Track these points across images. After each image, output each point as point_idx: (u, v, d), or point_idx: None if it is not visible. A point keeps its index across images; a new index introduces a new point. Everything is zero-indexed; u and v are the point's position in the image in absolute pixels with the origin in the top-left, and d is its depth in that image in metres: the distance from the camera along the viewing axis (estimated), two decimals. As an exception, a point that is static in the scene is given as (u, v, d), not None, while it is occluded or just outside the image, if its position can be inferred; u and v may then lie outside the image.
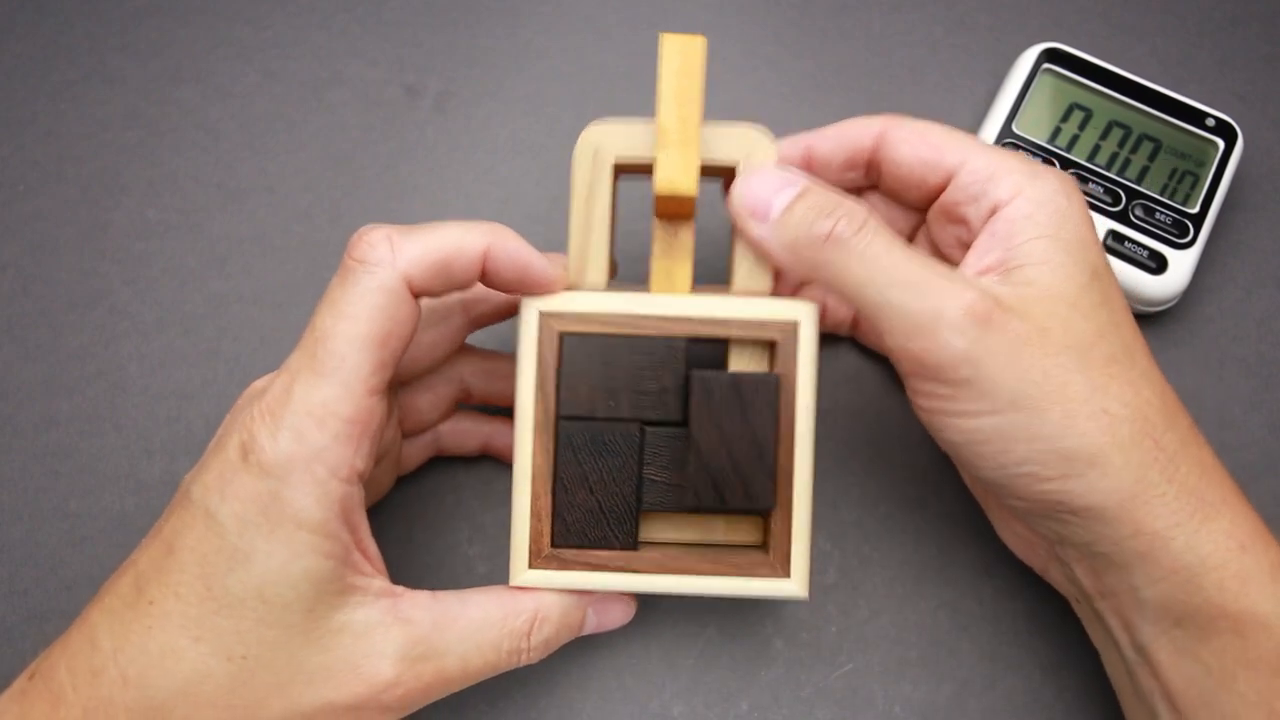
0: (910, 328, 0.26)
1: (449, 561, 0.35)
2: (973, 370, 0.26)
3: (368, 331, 0.26)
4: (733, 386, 0.28)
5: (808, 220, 0.27)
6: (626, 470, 0.29)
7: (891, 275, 0.26)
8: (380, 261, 0.26)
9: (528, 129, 0.40)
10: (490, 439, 0.35)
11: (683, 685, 0.34)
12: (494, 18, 0.42)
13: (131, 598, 0.26)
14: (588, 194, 0.30)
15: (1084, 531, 0.27)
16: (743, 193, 0.29)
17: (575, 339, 0.29)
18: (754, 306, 0.29)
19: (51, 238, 0.38)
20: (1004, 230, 0.28)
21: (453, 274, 0.27)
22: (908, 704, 0.34)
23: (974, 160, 0.30)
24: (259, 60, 0.41)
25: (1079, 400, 0.26)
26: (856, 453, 0.37)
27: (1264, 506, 0.36)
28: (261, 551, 0.25)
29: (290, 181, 0.39)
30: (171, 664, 0.25)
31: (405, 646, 0.27)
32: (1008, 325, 0.26)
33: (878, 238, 0.27)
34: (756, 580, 0.29)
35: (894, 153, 0.31)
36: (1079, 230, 0.28)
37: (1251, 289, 0.39)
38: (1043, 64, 0.39)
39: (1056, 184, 0.29)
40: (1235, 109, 0.41)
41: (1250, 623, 0.26)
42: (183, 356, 0.37)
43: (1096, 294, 0.28)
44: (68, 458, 0.36)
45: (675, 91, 0.28)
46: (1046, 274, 0.27)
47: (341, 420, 0.26)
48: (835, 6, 0.42)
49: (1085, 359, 0.27)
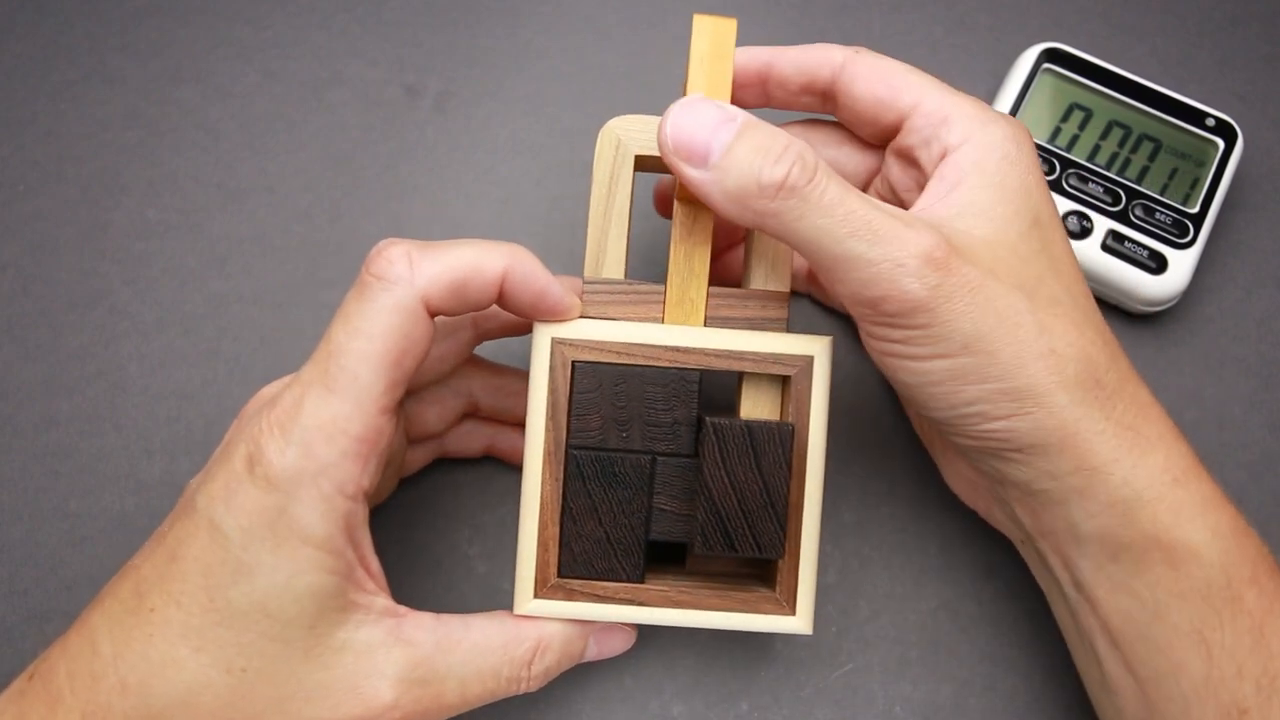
0: (867, 277, 0.26)
1: (449, 561, 0.35)
2: (929, 316, 0.26)
3: (382, 349, 0.26)
4: (746, 433, 0.28)
5: (754, 166, 0.25)
6: (636, 502, 0.29)
7: (849, 224, 0.25)
8: (398, 279, 0.26)
9: (528, 129, 0.40)
10: (494, 441, 0.35)
11: (683, 685, 0.34)
12: (494, 18, 0.42)
13: (133, 603, 0.26)
14: (608, 186, 0.30)
15: (1026, 469, 0.28)
16: (675, 132, 0.26)
17: (587, 367, 0.29)
18: (768, 341, 0.29)
19: (51, 238, 0.38)
20: (951, 175, 0.28)
21: (469, 295, 0.27)
22: (908, 704, 0.34)
23: (927, 102, 0.29)
24: (259, 60, 0.41)
25: (1028, 341, 0.26)
26: (856, 453, 0.37)
27: (1264, 506, 0.37)
28: (266, 565, 0.25)
29: (290, 181, 0.39)
30: (172, 673, 0.25)
31: (406, 669, 0.27)
32: (961, 270, 0.26)
33: (830, 184, 0.26)
34: (762, 616, 0.29)
35: (851, 87, 0.30)
36: (1023, 178, 0.28)
37: (1251, 289, 0.39)
38: (1043, 64, 0.39)
39: (1006, 130, 0.29)
40: (1235, 109, 0.41)
41: (1182, 553, 0.27)
42: (183, 356, 0.37)
43: (1036, 240, 0.28)
44: (68, 458, 0.36)
45: (707, 73, 0.28)
46: (985, 222, 0.27)
47: (350, 438, 0.25)
48: (835, 6, 0.42)
49: (1032, 300, 0.27)
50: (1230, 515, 0.28)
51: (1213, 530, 0.27)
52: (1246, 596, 0.27)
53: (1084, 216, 0.37)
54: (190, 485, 0.28)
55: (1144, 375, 0.38)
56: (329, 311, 0.38)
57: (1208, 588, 0.27)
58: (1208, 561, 0.27)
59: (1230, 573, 0.27)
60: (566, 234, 0.39)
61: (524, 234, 0.39)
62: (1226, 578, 0.27)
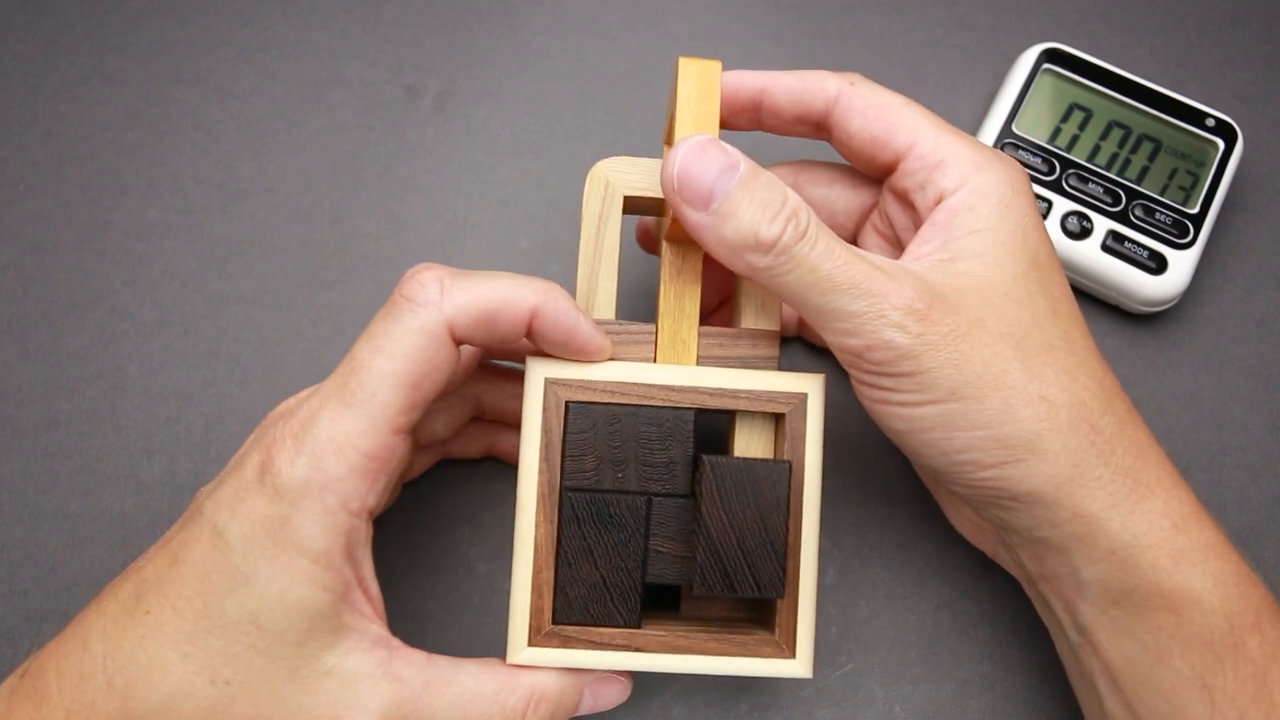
0: (851, 328, 0.26)
1: (449, 561, 0.35)
2: (914, 364, 0.26)
3: (402, 369, 0.26)
4: (744, 472, 0.28)
5: (752, 222, 0.26)
6: (632, 545, 0.28)
7: (833, 279, 0.26)
8: (427, 303, 0.26)
9: (528, 129, 0.40)
10: (495, 442, 0.35)
11: (683, 685, 0.34)
12: (494, 18, 0.42)
13: (130, 604, 0.26)
14: (598, 226, 0.30)
15: (1025, 516, 0.28)
16: (682, 174, 0.27)
17: (581, 407, 0.29)
18: (762, 379, 0.29)
19: (51, 238, 0.38)
20: (945, 220, 0.28)
21: (497, 328, 0.27)
22: (908, 704, 0.34)
23: (923, 143, 0.29)
24: (259, 60, 0.41)
25: (1017, 388, 0.26)
26: (856, 453, 0.37)
27: (1264, 506, 0.37)
28: (262, 575, 0.25)
29: (290, 181, 0.39)
30: (158, 677, 0.25)
31: (391, 705, 0.26)
32: (944, 319, 0.26)
33: (819, 241, 0.26)
34: (761, 661, 0.29)
35: (846, 122, 0.30)
36: (1020, 221, 0.28)
37: (1251, 289, 0.39)
38: (1043, 64, 0.39)
39: (1002, 174, 0.29)
40: (1235, 109, 0.41)
41: (1184, 599, 0.27)
42: (183, 357, 0.37)
43: (1033, 282, 0.28)
44: (68, 458, 0.36)
45: (694, 114, 0.28)
46: (978, 267, 0.27)
47: (361, 453, 0.25)
48: (835, 6, 0.42)
49: (1021, 347, 0.27)
50: (1234, 562, 0.27)
51: (1214, 577, 0.27)
52: (1249, 643, 0.27)
53: (1084, 217, 0.37)
54: (201, 492, 0.27)
55: (1144, 375, 0.38)
56: (329, 312, 0.38)
57: (1210, 634, 0.26)
58: (1210, 608, 0.26)
59: (1233, 620, 0.27)
60: (566, 234, 0.39)
61: (523, 234, 0.39)
62: (1229, 624, 0.26)
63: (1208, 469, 0.37)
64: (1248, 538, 0.36)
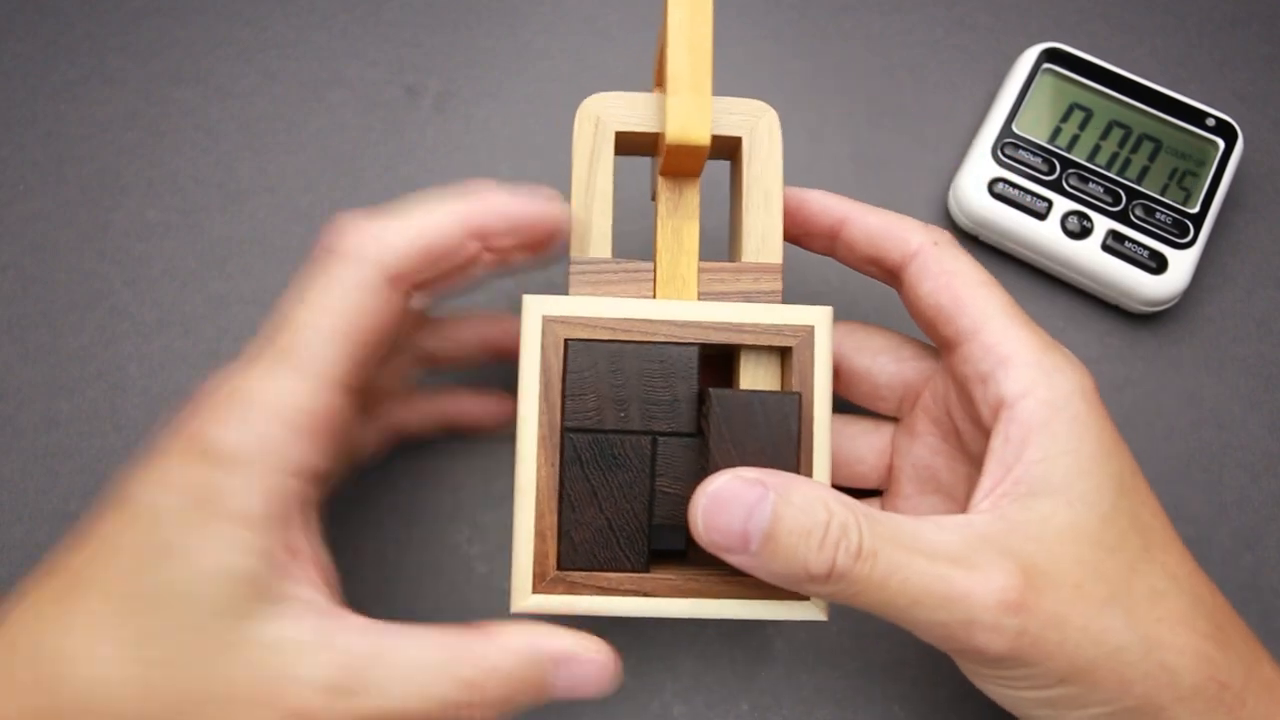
0: (943, 636, 0.25)
1: (449, 561, 0.35)
2: (1017, 658, 0.24)
3: (339, 325, 0.25)
4: (753, 406, 0.27)
5: (799, 556, 0.24)
6: (638, 486, 0.27)
7: (908, 593, 0.24)
8: (359, 254, 0.25)
9: (528, 129, 0.40)
10: (445, 411, 0.34)
11: (683, 685, 0.34)
12: (494, 18, 0.42)
13: (60, 594, 0.24)
14: (589, 165, 0.29)
15: None
16: (708, 527, 0.25)
17: (581, 345, 0.27)
18: (767, 312, 0.28)
19: (51, 238, 0.38)
20: (1017, 437, 0.26)
21: (440, 262, 0.26)
22: (908, 704, 0.34)
23: (988, 333, 0.27)
24: (259, 60, 0.41)
25: (1133, 663, 0.24)
26: (856, 453, 0.37)
27: (1264, 506, 0.37)
28: (193, 546, 0.23)
29: (290, 181, 0.39)
30: (84, 668, 0.23)
31: (333, 678, 0.23)
32: (1041, 604, 0.24)
33: (880, 554, 0.24)
34: (775, 603, 0.28)
35: (917, 283, 0.29)
36: (1099, 439, 0.26)
37: (1251, 289, 0.39)
38: (1043, 64, 0.39)
39: (1073, 382, 0.26)
40: (1235, 109, 0.41)
41: None
42: (183, 357, 0.37)
43: (1124, 516, 0.26)
44: (68, 458, 0.36)
45: (686, 37, 0.27)
46: (1063, 508, 0.25)
47: (297, 411, 0.24)
48: (835, 6, 0.42)
49: (1129, 610, 0.25)
50: None
51: None
52: None
53: (1084, 216, 0.37)
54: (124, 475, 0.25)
55: (1144, 375, 0.38)
56: (329, 312, 0.38)
57: None
58: None
59: None
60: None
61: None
62: None
63: (1208, 469, 0.37)
64: (1248, 538, 0.36)
